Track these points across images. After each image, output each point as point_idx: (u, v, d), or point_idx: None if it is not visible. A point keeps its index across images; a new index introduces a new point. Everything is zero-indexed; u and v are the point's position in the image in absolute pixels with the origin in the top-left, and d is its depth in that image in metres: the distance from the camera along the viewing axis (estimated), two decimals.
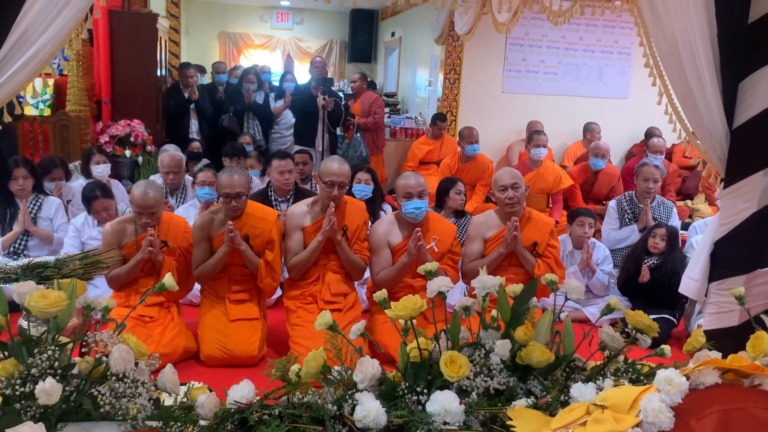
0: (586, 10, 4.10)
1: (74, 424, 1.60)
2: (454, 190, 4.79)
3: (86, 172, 5.21)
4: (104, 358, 1.67)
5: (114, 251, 3.52)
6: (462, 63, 7.57)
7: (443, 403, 1.50)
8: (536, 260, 3.69)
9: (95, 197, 4.30)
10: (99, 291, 4.07)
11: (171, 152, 5.18)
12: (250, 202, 3.74)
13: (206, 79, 8.76)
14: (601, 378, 1.66)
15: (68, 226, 4.54)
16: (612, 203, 5.26)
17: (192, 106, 7.09)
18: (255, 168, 5.60)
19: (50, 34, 2.49)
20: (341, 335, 1.85)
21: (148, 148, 6.16)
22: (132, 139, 6.01)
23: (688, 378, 1.34)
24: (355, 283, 3.95)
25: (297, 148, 6.49)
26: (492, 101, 7.66)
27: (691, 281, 3.41)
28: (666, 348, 2.03)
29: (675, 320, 4.24)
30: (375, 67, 11.50)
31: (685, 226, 5.53)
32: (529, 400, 1.58)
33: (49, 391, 1.43)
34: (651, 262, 4.39)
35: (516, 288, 1.94)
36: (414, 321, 1.89)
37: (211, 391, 1.78)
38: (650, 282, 4.30)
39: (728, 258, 3.20)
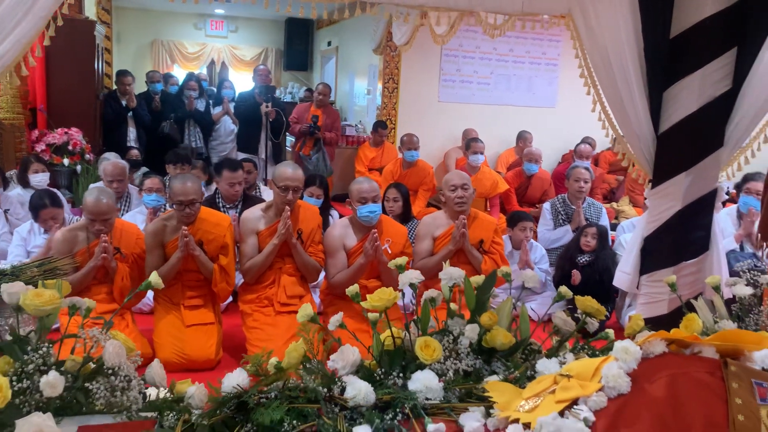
0: (519, 24, 4.36)
1: (70, 417, 1.65)
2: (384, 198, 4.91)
3: (23, 182, 5.09)
4: (92, 356, 1.73)
5: (69, 259, 3.49)
6: (400, 73, 7.79)
7: (424, 381, 1.64)
8: (482, 257, 3.90)
9: (44, 206, 4.23)
10: None
11: (113, 161, 5.13)
12: (203, 208, 3.79)
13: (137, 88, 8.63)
14: (562, 354, 1.84)
15: (8, 235, 4.43)
16: (546, 205, 5.56)
17: (130, 114, 7.00)
18: (201, 178, 5.60)
19: (12, 41, 2.50)
20: (321, 326, 1.97)
21: (87, 156, 6.04)
22: (70, 147, 5.88)
23: (640, 348, 1.54)
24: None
25: (241, 155, 6.52)
26: (429, 110, 7.91)
27: (624, 275, 3.70)
28: (610, 331, 2.24)
29: (608, 313, 4.55)
30: (311, 76, 11.60)
31: (612, 227, 5.90)
32: (498, 377, 1.75)
33: (53, 383, 1.49)
34: (584, 260, 4.69)
35: (479, 279, 2.11)
36: (384, 314, 2.03)
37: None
38: (583, 278, 4.59)
39: (657, 252, 3.50)
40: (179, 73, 9.76)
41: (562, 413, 1.41)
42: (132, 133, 7.06)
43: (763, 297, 2.41)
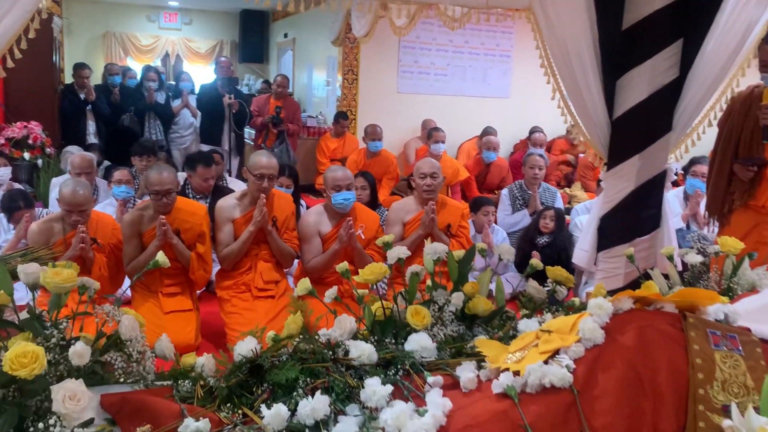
0: (481, 17, 4.55)
1: (90, 388, 1.75)
2: None
3: None
4: (105, 332, 1.84)
5: (46, 250, 3.52)
6: (359, 64, 7.92)
7: (419, 342, 1.81)
8: (450, 240, 4.10)
9: (18, 208, 4.23)
10: (18, 294, 4.00)
11: (81, 153, 5.12)
12: (178, 198, 3.86)
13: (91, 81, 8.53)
14: (541, 315, 2.04)
15: None
16: (504, 191, 5.81)
17: (88, 107, 6.94)
18: None
19: None
20: (317, 299, 2.12)
21: (48, 150, 5.99)
22: (30, 141, 5.82)
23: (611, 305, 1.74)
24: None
25: (204, 147, 6.55)
26: (388, 101, 8.07)
27: (582, 252, 3.94)
28: (576, 299, 2.46)
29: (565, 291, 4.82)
30: (267, 68, 11.61)
31: (566, 211, 6.20)
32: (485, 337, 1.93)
33: (80, 352, 1.59)
34: (543, 241, 4.94)
35: (460, 253, 2.29)
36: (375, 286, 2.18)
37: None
38: (542, 258, 4.85)
39: (612, 230, 3.75)
40: (133, 66, 9.65)
41: (546, 362, 1.60)
42: (91, 126, 7.01)
43: (710, 265, 2.66)
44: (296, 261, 4.20)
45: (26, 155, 5.78)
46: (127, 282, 4.07)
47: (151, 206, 3.77)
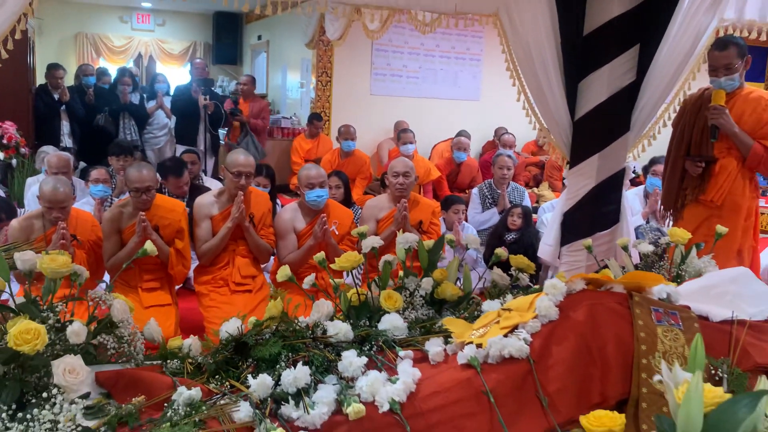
0: (450, 21, 4.72)
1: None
2: None
3: None
4: (96, 316, 1.96)
5: (27, 246, 3.60)
6: (333, 66, 8.07)
7: (391, 321, 1.97)
8: (421, 236, 4.26)
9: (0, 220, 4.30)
10: None
11: (58, 152, 5.18)
12: (157, 195, 3.96)
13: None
14: (502, 298, 2.22)
15: None
16: (475, 190, 6.00)
17: (63, 107, 6.96)
18: None
19: None
20: (297, 285, 2.26)
21: (22, 150, 6.02)
22: (5, 141, 5.85)
23: (565, 285, 1.92)
24: None
25: (180, 148, 6.63)
26: (362, 102, 8.23)
27: (547, 247, 4.14)
28: (535, 287, 2.65)
29: (531, 285, 5.02)
30: (240, 69, 11.67)
31: (534, 210, 6.42)
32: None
33: (77, 331, 1.71)
34: (510, 237, 5.14)
35: (429, 243, 2.46)
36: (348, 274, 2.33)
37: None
38: (510, 253, 5.04)
39: (575, 225, 3.95)
40: (105, 67, 9.65)
41: (506, 336, 1.77)
42: (65, 126, 7.03)
43: (665, 254, 2.87)
44: (272, 257, 4.32)
45: (0, 155, 5.81)
46: (106, 278, 4.16)
47: (131, 203, 3.86)
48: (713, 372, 1.81)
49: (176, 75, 11.13)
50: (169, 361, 1.91)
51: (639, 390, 1.74)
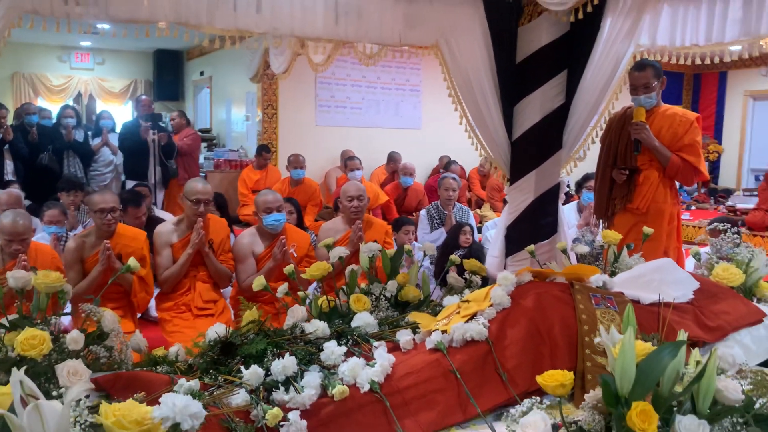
0: (393, 53, 5.02)
1: None
2: None
3: None
4: (85, 328, 2.09)
5: None
6: (278, 99, 8.29)
7: (363, 319, 2.17)
8: None
9: None
10: None
11: (9, 190, 5.18)
12: (119, 224, 4.06)
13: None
14: (460, 294, 2.46)
15: None
16: (423, 212, 6.28)
17: (5, 146, 6.92)
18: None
19: None
20: (272, 293, 2.44)
21: None
22: None
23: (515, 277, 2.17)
24: None
25: (130, 183, 6.68)
26: (308, 133, 8.46)
27: (493, 259, 4.42)
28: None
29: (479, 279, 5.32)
30: (183, 105, 11.74)
31: (478, 230, 6.75)
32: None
33: (76, 339, 1.85)
34: (459, 254, 5.41)
35: (391, 251, 2.68)
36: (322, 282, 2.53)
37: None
38: (459, 269, 5.32)
39: (517, 237, 4.25)
40: (44, 107, 9.58)
41: (467, 322, 2.00)
42: (9, 165, 6.97)
43: (599, 255, 3.18)
44: (231, 282, 4.45)
45: None
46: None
47: (93, 233, 3.94)
48: None
49: (117, 113, 11.11)
50: (159, 366, 2.05)
51: (584, 364, 2.00)
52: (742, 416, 1.55)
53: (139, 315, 4.56)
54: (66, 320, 4.26)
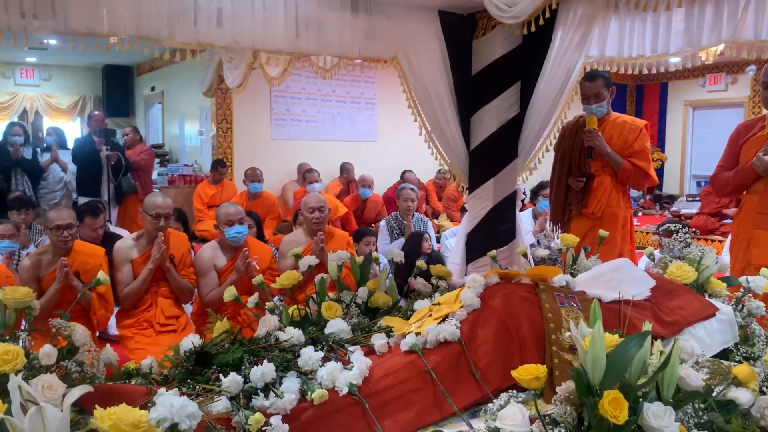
0: (348, 66, 5.08)
1: None
2: None
3: None
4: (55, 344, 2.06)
5: None
6: (233, 114, 8.25)
7: (336, 325, 2.20)
8: None
9: None
10: None
11: None
12: (76, 242, 3.98)
13: None
14: (431, 297, 2.51)
15: None
16: (382, 223, 6.34)
17: None
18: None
19: None
20: (242, 304, 2.45)
21: None
22: None
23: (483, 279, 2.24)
24: None
25: (82, 199, 6.54)
26: (264, 147, 8.43)
27: (455, 266, 4.52)
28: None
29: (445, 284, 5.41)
30: (134, 121, 11.54)
31: (436, 239, 6.86)
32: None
33: (49, 353, 1.82)
34: (422, 260, 5.49)
35: (360, 258, 2.73)
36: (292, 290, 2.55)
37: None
38: (423, 275, 5.39)
39: (477, 243, 4.37)
40: None
41: (439, 324, 2.06)
42: None
43: (558, 258, 3.29)
44: (194, 297, 4.40)
45: None
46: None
47: (50, 251, 3.86)
48: None
49: (66, 129, 10.84)
50: (133, 379, 2.04)
51: (552, 361, 2.07)
52: (703, 402, 1.64)
53: (98, 334, 4.48)
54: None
